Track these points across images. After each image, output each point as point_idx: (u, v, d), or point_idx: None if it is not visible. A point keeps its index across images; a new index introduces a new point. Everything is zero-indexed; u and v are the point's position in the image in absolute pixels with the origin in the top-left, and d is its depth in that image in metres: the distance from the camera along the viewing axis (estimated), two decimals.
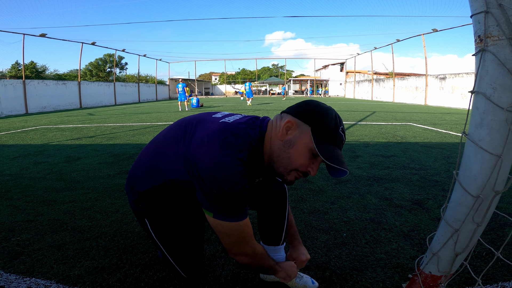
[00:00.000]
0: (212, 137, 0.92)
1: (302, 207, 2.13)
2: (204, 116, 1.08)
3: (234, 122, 1.00)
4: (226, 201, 0.89)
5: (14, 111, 13.98)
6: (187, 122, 1.07)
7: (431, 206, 2.13)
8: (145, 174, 1.08)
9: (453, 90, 15.76)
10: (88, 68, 41.73)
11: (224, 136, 0.92)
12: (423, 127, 6.55)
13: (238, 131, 0.95)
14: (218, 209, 0.91)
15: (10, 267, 1.42)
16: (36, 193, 2.47)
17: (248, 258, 1.01)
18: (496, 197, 0.79)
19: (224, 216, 0.92)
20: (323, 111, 0.96)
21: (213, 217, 0.93)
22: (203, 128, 0.99)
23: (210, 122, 1.02)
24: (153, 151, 1.09)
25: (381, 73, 30.64)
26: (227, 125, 0.97)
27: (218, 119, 1.03)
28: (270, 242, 1.28)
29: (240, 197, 0.90)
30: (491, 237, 1.67)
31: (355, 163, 3.38)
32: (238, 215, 0.93)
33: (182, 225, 1.16)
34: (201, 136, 0.95)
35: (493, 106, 0.72)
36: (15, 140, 5.47)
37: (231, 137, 0.92)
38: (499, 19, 0.71)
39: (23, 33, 14.97)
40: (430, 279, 0.99)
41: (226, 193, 0.88)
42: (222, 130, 0.94)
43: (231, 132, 0.94)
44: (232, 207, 0.91)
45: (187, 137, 0.99)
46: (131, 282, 1.30)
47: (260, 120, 1.05)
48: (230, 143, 0.91)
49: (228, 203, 0.90)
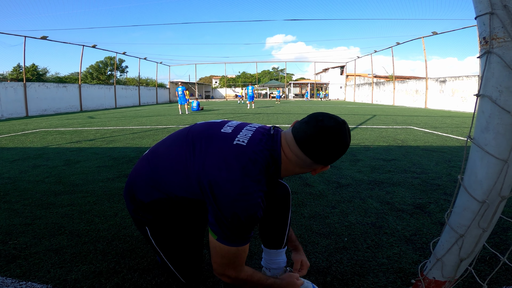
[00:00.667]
0: (231, 164, 0.91)
1: (303, 212, 2.11)
2: (212, 131, 1.05)
3: (249, 144, 0.98)
4: (237, 229, 0.91)
5: (15, 114, 13.98)
6: (195, 137, 1.04)
7: (433, 210, 2.11)
8: (148, 184, 1.06)
9: (453, 93, 15.77)
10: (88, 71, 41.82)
11: (243, 164, 0.91)
12: (424, 130, 6.53)
13: (256, 156, 0.94)
14: (226, 234, 0.92)
15: (6, 270, 1.40)
16: (34, 196, 2.45)
17: (230, 281, 1.01)
18: (502, 202, 0.77)
19: (227, 241, 0.93)
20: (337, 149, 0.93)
21: (216, 239, 0.94)
22: (216, 147, 0.97)
23: (221, 140, 0.99)
24: (157, 162, 1.06)
25: (381, 76, 30.69)
26: (243, 150, 0.95)
27: (230, 137, 1.00)
28: (271, 245, 1.26)
29: (251, 226, 0.92)
30: (495, 241, 1.65)
31: (356, 167, 3.36)
32: (241, 242, 0.94)
33: (183, 232, 1.14)
34: (217, 160, 0.93)
35: (499, 110, 0.71)
36: (15, 143, 5.46)
37: (250, 165, 0.92)
38: (505, 21, 0.69)
39: (25, 36, 15.01)
40: (434, 285, 0.97)
41: (240, 222, 0.90)
42: (239, 156, 0.93)
43: (248, 158, 0.93)
44: (240, 234, 0.92)
45: (198, 155, 0.97)
46: (128, 287, 1.28)
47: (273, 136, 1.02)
48: (250, 172, 0.91)
49: (238, 231, 0.91)
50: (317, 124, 0.92)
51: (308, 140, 0.93)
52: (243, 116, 11.09)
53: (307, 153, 0.94)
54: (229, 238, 0.92)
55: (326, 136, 0.91)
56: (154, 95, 30.80)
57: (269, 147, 0.98)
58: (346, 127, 0.95)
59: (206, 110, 15.46)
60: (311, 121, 0.94)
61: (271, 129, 1.07)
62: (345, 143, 0.94)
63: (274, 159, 0.98)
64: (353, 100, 30.59)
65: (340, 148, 0.93)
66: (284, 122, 8.71)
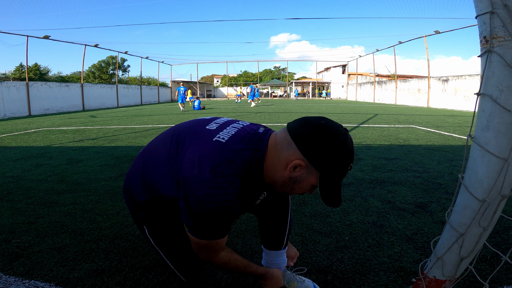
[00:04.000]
0: (204, 162, 0.87)
1: (304, 210, 2.11)
2: (197, 127, 1.02)
3: (228, 141, 0.92)
4: (204, 227, 0.91)
5: (17, 113, 14.04)
6: (180, 132, 1.02)
7: (434, 209, 2.11)
8: (139, 184, 1.07)
9: (455, 92, 15.70)
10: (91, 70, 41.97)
11: (216, 164, 0.86)
12: (426, 129, 6.51)
13: (233, 156, 0.88)
14: (194, 230, 0.93)
15: (9, 269, 1.41)
16: (37, 195, 2.47)
17: (212, 264, 1.03)
18: (502, 201, 0.77)
19: (196, 235, 0.94)
20: (337, 151, 0.86)
21: (188, 231, 0.96)
22: (196, 144, 0.93)
23: (203, 136, 0.95)
24: (146, 160, 1.07)
25: (383, 75, 30.58)
26: (221, 147, 0.90)
27: (212, 134, 0.96)
28: (271, 246, 1.26)
29: (221, 225, 0.91)
30: (496, 240, 1.65)
31: (357, 166, 3.36)
32: (212, 237, 0.94)
33: (180, 231, 1.14)
34: (192, 157, 0.89)
35: (500, 109, 0.71)
36: (18, 142, 5.49)
37: (224, 165, 0.86)
38: (505, 20, 0.69)
39: (27, 35, 15.04)
40: (434, 284, 0.97)
41: (208, 221, 0.89)
42: (214, 155, 0.88)
43: (224, 158, 0.87)
44: (209, 232, 0.92)
45: (179, 152, 0.95)
46: (131, 285, 1.29)
47: (260, 135, 0.97)
48: (222, 172, 0.85)
49: (206, 229, 0.91)
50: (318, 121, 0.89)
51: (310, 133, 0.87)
52: (244, 115, 11.09)
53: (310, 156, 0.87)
54: (198, 233, 0.93)
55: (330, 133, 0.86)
56: (156, 94, 30.84)
57: (252, 146, 0.93)
58: (348, 134, 0.91)
59: (207, 109, 15.49)
60: (309, 118, 0.92)
61: (260, 128, 1.02)
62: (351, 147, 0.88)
63: (257, 159, 0.92)
64: (355, 99, 30.52)
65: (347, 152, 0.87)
66: (286, 121, 8.70)
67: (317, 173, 0.89)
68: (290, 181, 0.92)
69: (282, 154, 0.91)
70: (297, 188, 0.94)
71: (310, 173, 0.90)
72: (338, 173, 0.89)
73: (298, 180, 0.91)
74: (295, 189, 0.94)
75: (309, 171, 0.90)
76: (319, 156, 0.86)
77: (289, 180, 0.92)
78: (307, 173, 0.90)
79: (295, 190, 0.95)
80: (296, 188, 0.94)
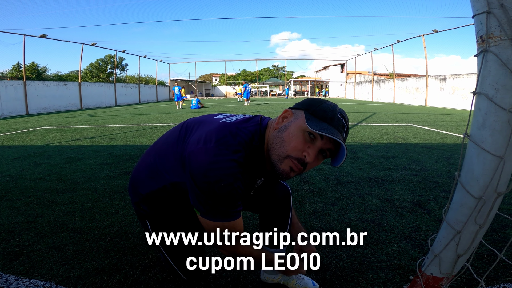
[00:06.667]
0: (209, 136, 0.90)
1: (303, 208, 2.13)
2: (206, 118, 1.08)
3: (234, 121, 0.98)
4: (214, 202, 0.88)
5: (15, 112, 13.98)
6: (189, 124, 1.06)
7: (432, 207, 2.13)
8: (148, 176, 1.09)
9: (453, 91, 15.74)
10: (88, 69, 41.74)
11: (222, 135, 0.90)
12: (424, 128, 6.54)
13: (237, 130, 0.93)
14: (205, 209, 0.90)
15: (9, 268, 1.42)
16: (36, 194, 2.47)
17: (227, 254, 1.01)
18: (498, 199, 0.78)
19: (209, 216, 0.92)
20: (322, 100, 0.94)
21: (200, 215, 0.93)
22: (203, 128, 0.98)
23: (210, 122, 1.01)
24: (155, 153, 1.09)
25: (381, 74, 30.62)
26: (226, 125, 0.95)
27: (219, 119, 1.02)
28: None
29: (230, 199, 0.89)
30: (493, 238, 1.66)
31: (355, 164, 3.37)
32: (225, 217, 0.92)
33: (183, 227, 1.15)
34: (199, 135, 0.93)
35: (496, 107, 0.72)
36: (16, 141, 5.47)
37: (229, 137, 0.90)
38: (501, 20, 0.70)
39: (24, 34, 14.98)
40: (431, 281, 0.98)
41: (216, 194, 0.87)
42: (220, 129, 0.92)
43: (229, 131, 0.92)
44: (220, 208, 0.90)
45: (187, 137, 0.99)
46: (130, 283, 1.30)
47: (261, 118, 1.03)
48: (227, 142, 0.88)
49: (217, 204, 0.89)
50: None
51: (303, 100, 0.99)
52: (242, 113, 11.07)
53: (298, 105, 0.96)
54: (209, 213, 0.91)
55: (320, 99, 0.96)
56: (154, 93, 30.77)
57: (255, 123, 0.99)
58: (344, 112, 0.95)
59: (206, 108, 15.49)
60: None
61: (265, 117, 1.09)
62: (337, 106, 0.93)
63: (259, 133, 0.96)
64: (353, 97, 30.54)
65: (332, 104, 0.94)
66: None
67: (302, 111, 0.93)
68: (280, 131, 0.92)
69: (275, 120, 0.98)
70: (287, 138, 0.89)
71: (298, 116, 0.92)
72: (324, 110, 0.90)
73: (286, 126, 0.92)
74: (285, 140, 0.90)
75: (296, 115, 0.93)
76: (305, 101, 0.96)
77: (278, 131, 0.92)
78: (295, 118, 0.93)
79: (285, 142, 0.89)
80: (285, 137, 0.90)
